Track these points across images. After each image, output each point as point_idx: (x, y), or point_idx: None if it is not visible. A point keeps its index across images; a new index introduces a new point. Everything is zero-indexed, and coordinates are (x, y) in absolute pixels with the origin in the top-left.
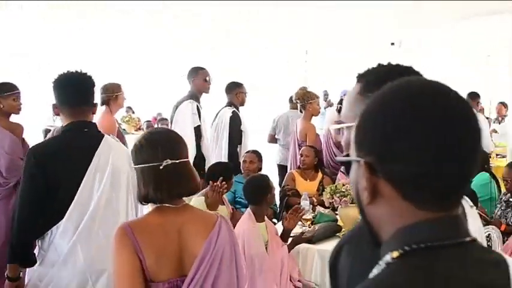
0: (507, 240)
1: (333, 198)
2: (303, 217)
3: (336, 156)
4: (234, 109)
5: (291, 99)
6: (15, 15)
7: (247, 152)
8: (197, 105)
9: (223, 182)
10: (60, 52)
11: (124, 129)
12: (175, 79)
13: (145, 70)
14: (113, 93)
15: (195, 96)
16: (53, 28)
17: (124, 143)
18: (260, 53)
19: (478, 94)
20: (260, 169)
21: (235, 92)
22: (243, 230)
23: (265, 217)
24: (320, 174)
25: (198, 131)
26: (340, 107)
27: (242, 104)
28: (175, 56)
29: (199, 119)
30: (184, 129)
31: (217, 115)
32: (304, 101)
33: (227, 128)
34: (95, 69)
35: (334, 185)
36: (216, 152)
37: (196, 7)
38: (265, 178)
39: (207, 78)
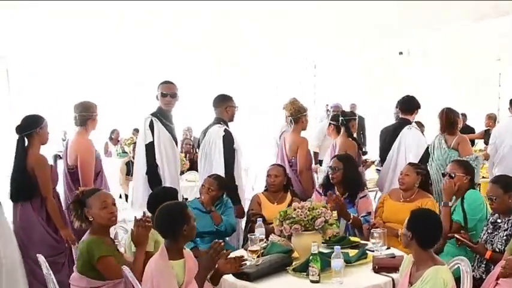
0: (493, 268)
1: (282, 225)
2: (250, 249)
3: None
4: (225, 127)
5: None
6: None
7: (272, 165)
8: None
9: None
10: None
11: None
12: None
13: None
14: (92, 113)
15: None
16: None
17: (101, 167)
18: (268, 69)
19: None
20: (286, 184)
21: (224, 106)
22: (151, 270)
23: (188, 252)
24: (289, 196)
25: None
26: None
27: (231, 119)
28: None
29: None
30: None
31: (205, 132)
32: (299, 113)
33: (221, 149)
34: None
35: (284, 210)
36: (207, 173)
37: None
38: (179, 206)
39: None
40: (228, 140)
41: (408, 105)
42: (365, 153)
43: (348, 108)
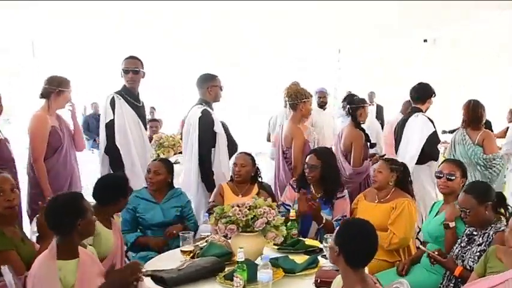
0: None
1: (217, 225)
2: (181, 249)
3: (344, 170)
4: (205, 107)
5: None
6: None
7: (239, 153)
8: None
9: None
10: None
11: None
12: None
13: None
14: (56, 87)
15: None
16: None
17: (61, 143)
18: (290, 53)
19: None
20: (255, 175)
21: (206, 86)
22: (34, 271)
23: (85, 252)
24: (256, 188)
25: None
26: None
27: (216, 99)
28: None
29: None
30: None
31: (187, 115)
32: (297, 99)
33: (196, 130)
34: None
35: (222, 207)
36: (187, 158)
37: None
38: (73, 197)
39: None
40: (205, 121)
41: (421, 93)
42: (373, 145)
43: (365, 96)
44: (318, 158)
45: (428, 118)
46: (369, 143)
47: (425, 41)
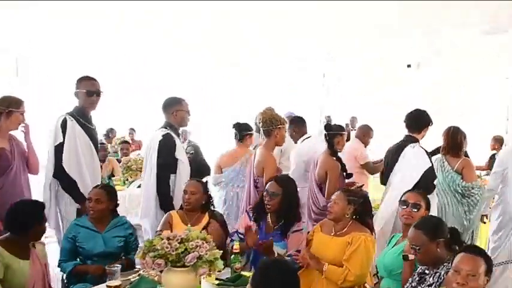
0: None
1: (144, 258)
2: (108, 283)
3: (318, 201)
4: (169, 131)
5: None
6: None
7: (190, 179)
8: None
9: None
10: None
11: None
12: None
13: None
14: (6, 108)
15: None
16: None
17: (10, 165)
18: (275, 76)
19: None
20: (206, 203)
21: (172, 110)
22: None
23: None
24: (206, 218)
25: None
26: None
27: (182, 124)
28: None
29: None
30: None
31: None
32: (272, 125)
33: (155, 154)
34: None
35: (151, 240)
36: (145, 182)
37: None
38: (39, 204)
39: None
40: (165, 146)
41: (417, 122)
42: (349, 175)
43: (347, 121)
44: (279, 185)
45: (425, 151)
46: (345, 173)
47: (408, 66)
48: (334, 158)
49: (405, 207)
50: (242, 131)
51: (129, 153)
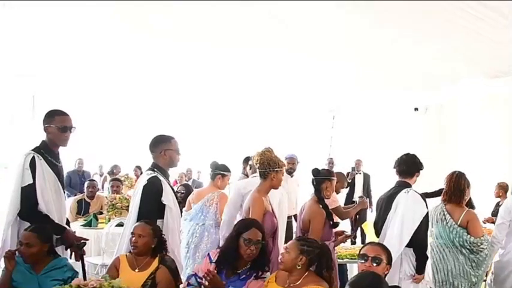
0: None
1: None
2: None
3: None
4: (156, 174)
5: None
6: None
7: (140, 221)
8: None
9: None
10: None
11: None
12: None
13: None
14: None
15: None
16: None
17: None
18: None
19: None
20: (156, 247)
21: (160, 149)
22: None
23: None
24: (156, 263)
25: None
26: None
27: (171, 165)
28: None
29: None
30: None
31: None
32: (270, 167)
33: (138, 200)
34: None
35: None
36: (126, 225)
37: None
38: None
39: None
40: (150, 190)
41: (407, 167)
42: (336, 224)
43: (352, 164)
44: (260, 231)
45: (421, 195)
46: (331, 222)
47: (416, 109)
48: (321, 206)
49: (364, 261)
50: (215, 171)
51: (119, 191)
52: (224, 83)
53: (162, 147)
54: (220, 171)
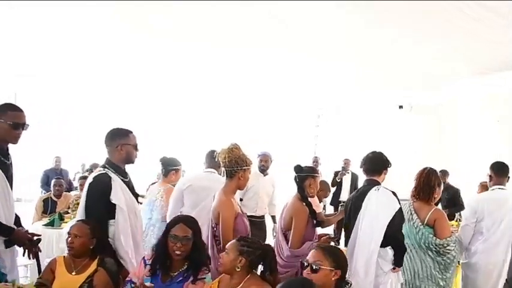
0: None
1: None
2: None
3: (282, 250)
4: (106, 171)
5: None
6: None
7: (77, 221)
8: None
9: None
10: None
11: None
12: None
13: None
14: None
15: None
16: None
17: None
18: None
19: None
20: (96, 248)
21: (116, 143)
22: None
23: None
24: (94, 265)
25: None
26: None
27: (127, 161)
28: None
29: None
30: None
31: None
32: (237, 165)
33: (83, 199)
34: None
35: None
36: None
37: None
38: None
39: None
40: (96, 189)
41: (374, 164)
42: (319, 223)
43: (341, 163)
44: (189, 227)
45: (392, 192)
46: (315, 221)
47: (400, 107)
48: (304, 204)
49: (305, 267)
50: (168, 166)
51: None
52: (224, 83)
53: (119, 141)
54: (173, 167)
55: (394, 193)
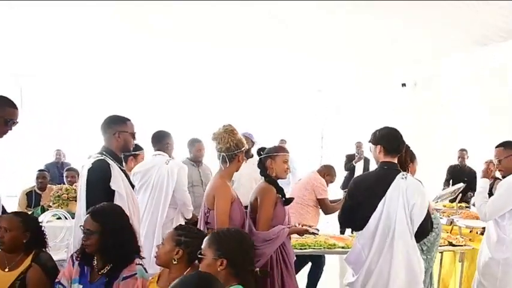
0: None
1: None
2: None
3: (253, 236)
4: (104, 157)
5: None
6: None
7: (8, 214)
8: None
9: None
10: None
11: None
12: None
13: None
14: None
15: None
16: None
17: None
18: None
19: None
20: (29, 243)
21: (113, 131)
22: None
23: None
24: (28, 261)
25: None
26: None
27: (124, 149)
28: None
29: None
30: None
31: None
32: (238, 148)
33: (84, 186)
34: None
35: None
36: (77, 215)
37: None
38: None
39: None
40: (96, 176)
41: (394, 143)
42: (289, 201)
43: (353, 147)
44: (95, 220)
45: (420, 182)
46: (284, 198)
47: (403, 85)
48: (269, 184)
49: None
50: (126, 153)
51: (75, 181)
52: (224, 83)
53: (116, 128)
54: (130, 153)
55: (421, 183)
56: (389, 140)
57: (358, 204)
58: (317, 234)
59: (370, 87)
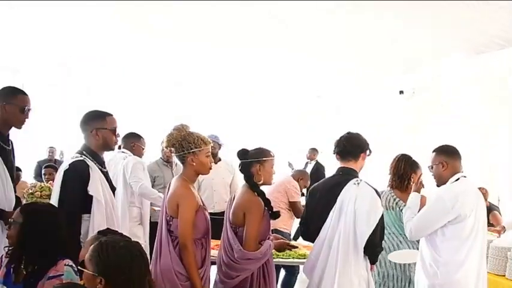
0: None
1: None
2: None
3: (232, 250)
4: (83, 158)
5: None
6: None
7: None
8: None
9: None
10: None
11: None
12: None
13: None
14: None
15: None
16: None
17: None
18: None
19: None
20: None
21: (91, 128)
22: None
23: None
24: None
25: None
26: None
27: (106, 147)
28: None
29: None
30: None
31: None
32: (183, 149)
33: (58, 188)
34: None
35: None
36: None
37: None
38: None
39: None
40: (72, 176)
41: (350, 146)
42: (276, 214)
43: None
44: (22, 212)
45: (375, 189)
46: (270, 212)
47: (401, 92)
48: (255, 194)
49: None
50: None
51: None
52: (224, 83)
53: (94, 125)
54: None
55: (376, 191)
56: (339, 144)
57: (312, 214)
58: (296, 248)
59: (369, 87)
